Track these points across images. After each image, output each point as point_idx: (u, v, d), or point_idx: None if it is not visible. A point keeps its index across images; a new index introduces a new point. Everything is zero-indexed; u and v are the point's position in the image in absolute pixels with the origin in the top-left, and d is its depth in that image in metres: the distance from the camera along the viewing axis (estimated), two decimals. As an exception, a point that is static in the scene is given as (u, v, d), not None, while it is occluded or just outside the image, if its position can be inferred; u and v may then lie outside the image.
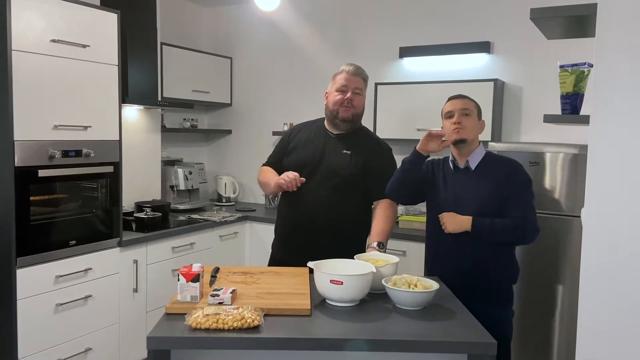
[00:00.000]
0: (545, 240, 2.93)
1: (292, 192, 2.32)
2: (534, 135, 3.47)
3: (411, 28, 3.85)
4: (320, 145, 2.41)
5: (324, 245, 2.20)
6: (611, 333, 1.29)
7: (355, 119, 2.41)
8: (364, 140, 2.45)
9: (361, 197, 2.39)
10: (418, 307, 1.76)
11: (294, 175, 2.28)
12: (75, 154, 2.81)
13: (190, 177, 4.09)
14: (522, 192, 2.08)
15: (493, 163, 2.16)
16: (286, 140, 2.53)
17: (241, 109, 4.56)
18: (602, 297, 1.31)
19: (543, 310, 2.95)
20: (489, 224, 2.03)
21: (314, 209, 2.33)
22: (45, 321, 2.67)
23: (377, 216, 2.36)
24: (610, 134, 1.29)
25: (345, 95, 2.35)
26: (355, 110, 2.38)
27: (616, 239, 1.29)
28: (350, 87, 2.37)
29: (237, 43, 4.58)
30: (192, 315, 1.56)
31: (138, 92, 3.56)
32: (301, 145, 2.45)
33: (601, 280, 1.31)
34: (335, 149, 2.38)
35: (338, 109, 2.36)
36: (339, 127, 2.40)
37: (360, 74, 2.42)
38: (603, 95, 1.30)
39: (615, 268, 1.29)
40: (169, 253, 3.37)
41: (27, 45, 2.55)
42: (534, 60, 3.44)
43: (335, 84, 2.41)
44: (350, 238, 2.35)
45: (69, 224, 2.83)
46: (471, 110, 2.16)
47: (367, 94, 3.91)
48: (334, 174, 2.34)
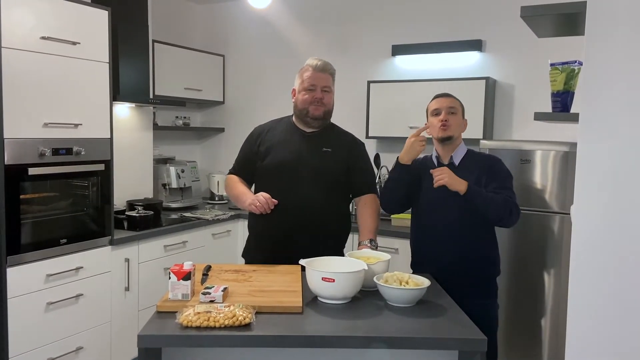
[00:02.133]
0: (536, 237, 2.96)
1: (274, 192, 2.23)
2: (525, 133, 3.48)
3: (404, 26, 3.85)
4: (296, 145, 2.32)
5: (305, 244, 2.16)
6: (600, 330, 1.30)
7: (327, 116, 2.34)
8: (340, 136, 2.41)
9: (342, 193, 2.38)
10: (409, 304, 1.76)
11: (266, 198, 2.19)
12: (66, 152, 2.79)
13: (182, 175, 4.08)
14: (505, 181, 2.16)
15: (475, 158, 2.24)
16: (254, 144, 2.39)
17: (234, 107, 4.55)
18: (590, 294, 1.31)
19: (533, 306, 2.97)
20: (484, 192, 2.09)
21: (299, 209, 2.24)
22: (36, 320, 2.66)
23: (363, 212, 2.34)
24: (598, 132, 1.30)
25: (315, 95, 2.27)
26: (326, 107, 2.31)
27: (605, 236, 1.30)
28: (319, 86, 2.29)
29: (229, 41, 4.56)
30: (183, 314, 1.55)
31: (129, 90, 3.54)
32: (276, 147, 2.33)
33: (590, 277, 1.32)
34: (314, 147, 2.31)
35: (308, 108, 2.28)
36: (310, 125, 2.33)
37: (328, 70, 2.33)
38: (592, 92, 1.31)
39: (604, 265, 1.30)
40: (161, 251, 3.36)
41: (17, 43, 2.53)
42: (526, 59, 3.46)
43: (302, 82, 2.32)
44: (332, 235, 2.33)
45: (59, 222, 2.81)
46: (457, 109, 2.22)
47: (360, 93, 3.97)
48: (317, 172, 2.28)
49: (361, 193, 2.38)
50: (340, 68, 4.10)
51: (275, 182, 2.28)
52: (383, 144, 3.92)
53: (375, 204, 2.36)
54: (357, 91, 3.98)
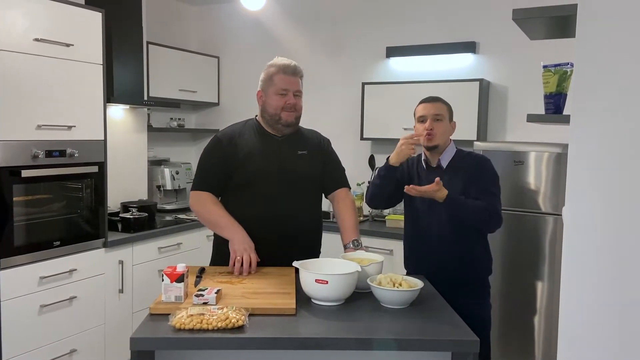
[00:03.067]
0: (529, 238, 2.97)
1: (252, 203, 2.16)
2: (518, 135, 3.50)
3: (398, 28, 3.86)
4: (272, 151, 2.20)
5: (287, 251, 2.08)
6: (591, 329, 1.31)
7: (298, 122, 2.25)
8: (310, 137, 2.33)
9: (318, 193, 2.33)
10: (403, 306, 1.76)
11: (252, 263, 2.02)
12: (59, 154, 2.78)
13: (177, 177, 4.07)
14: (490, 184, 2.17)
15: (463, 159, 2.24)
16: (225, 154, 2.18)
17: (228, 108, 4.54)
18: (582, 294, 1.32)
19: (526, 306, 2.98)
20: (462, 200, 2.11)
21: (280, 219, 2.14)
22: (29, 323, 2.64)
23: (340, 210, 2.28)
24: (589, 133, 1.31)
25: (287, 100, 2.16)
26: (297, 113, 2.21)
27: (596, 237, 1.30)
28: (291, 90, 2.18)
29: (224, 42, 4.56)
30: (176, 316, 1.55)
31: (124, 92, 3.54)
32: (251, 155, 2.18)
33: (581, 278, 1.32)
34: (290, 152, 2.22)
35: (280, 114, 2.17)
36: (281, 131, 2.22)
37: (298, 73, 2.22)
38: (583, 94, 1.31)
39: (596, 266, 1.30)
40: (156, 253, 3.35)
41: (10, 44, 2.53)
42: (519, 61, 3.47)
43: (273, 86, 2.18)
44: (312, 238, 2.29)
45: (53, 224, 2.80)
46: (443, 115, 2.22)
47: (354, 94, 3.98)
48: (297, 178, 2.19)
49: (335, 188, 2.32)
50: (335, 70, 4.15)
51: (252, 193, 2.16)
52: (377, 145, 3.93)
53: (350, 197, 2.33)
54: (351, 93, 3.98)
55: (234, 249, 2.06)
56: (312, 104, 4.03)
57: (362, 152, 3.95)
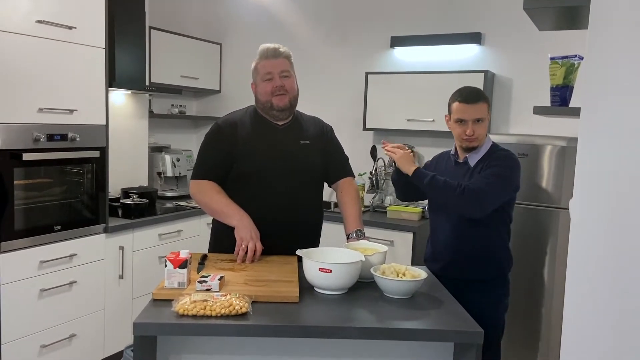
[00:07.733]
0: (532, 231, 2.96)
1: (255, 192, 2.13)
2: (523, 127, 3.48)
3: (403, 18, 3.83)
4: (274, 141, 2.16)
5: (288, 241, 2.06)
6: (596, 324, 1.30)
7: (293, 103, 2.18)
8: (312, 125, 2.28)
9: (320, 183, 2.30)
10: (406, 296, 1.76)
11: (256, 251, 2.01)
12: (61, 138, 2.76)
13: (177, 164, 4.06)
14: (491, 169, 2.06)
15: (491, 157, 2.12)
16: (228, 143, 2.14)
17: (230, 96, 4.51)
18: (587, 288, 1.32)
19: (529, 300, 2.98)
20: (429, 176, 2.05)
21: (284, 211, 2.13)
22: (29, 307, 2.64)
23: (344, 199, 2.25)
24: (600, 126, 1.30)
25: (274, 84, 2.10)
26: (290, 94, 2.14)
27: (603, 231, 1.30)
28: (276, 72, 2.10)
29: (226, 29, 4.52)
30: (180, 302, 1.54)
31: (125, 77, 3.51)
32: (254, 144, 2.14)
33: (587, 272, 1.32)
34: (292, 141, 2.18)
35: (271, 100, 2.11)
36: (278, 118, 2.17)
37: (281, 54, 2.13)
38: (594, 86, 1.30)
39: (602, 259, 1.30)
40: (156, 240, 3.35)
41: (11, 26, 2.50)
42: (525, 52, 3.45)
43: (258, 74, 2.14)
44: (313, 229, 2.27)
45: (53, 208, 2.79)
46: (484, 116, 2.09)
47: (358, 84, 3.95)
48: (300, 168, 2.16)
49: (339, 177, 2.29)
50: (339, 59, 4.13)
51: (254, 183, 2.13)
52: (380, 136, 3.91)
53: (354, 187, 2.30)
54: (355, 82, 3.96)
55: (240, 237, 2.03)
56: (314, 92, 4.03)
57: (364, 142, 3.93)
